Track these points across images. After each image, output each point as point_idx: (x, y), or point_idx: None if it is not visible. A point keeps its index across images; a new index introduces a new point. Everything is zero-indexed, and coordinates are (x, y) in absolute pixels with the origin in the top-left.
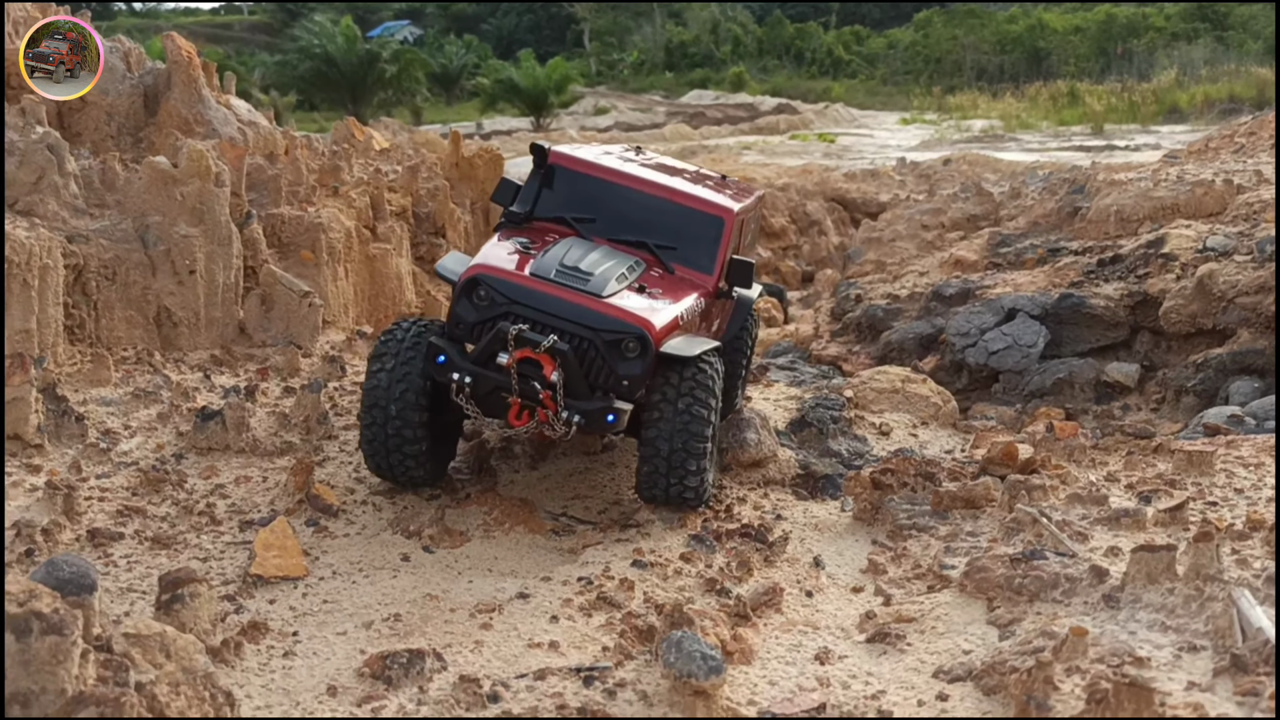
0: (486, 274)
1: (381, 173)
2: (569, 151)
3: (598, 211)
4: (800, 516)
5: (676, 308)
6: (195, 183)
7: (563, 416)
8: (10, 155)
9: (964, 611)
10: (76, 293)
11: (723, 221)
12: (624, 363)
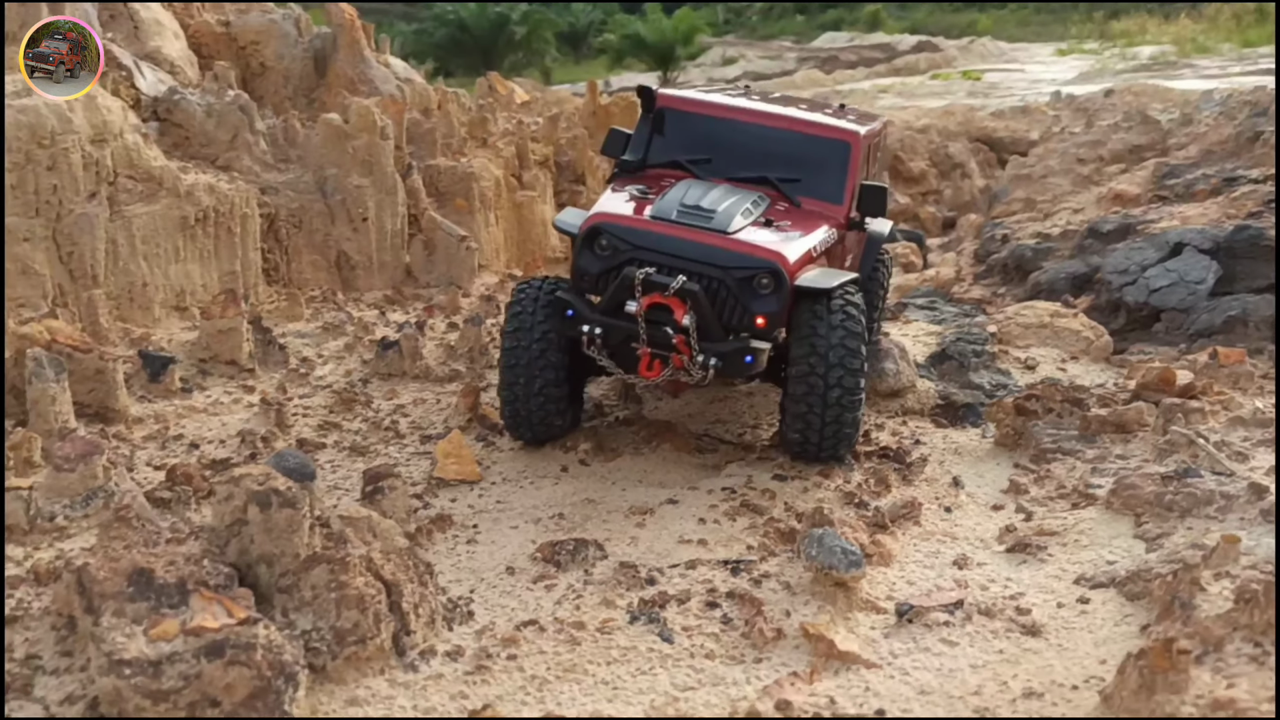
0: (606, 222)
1: (524, 124)
2: (677, 93)
3: (713, 151)
4: (939, 442)
5: (809, 240)
6: (364, 137)
7: (698, 361)
8: (210, 115)
9: (1109, 527)
10: (270, 239)
11: (849, 146)
12: (758, 300)
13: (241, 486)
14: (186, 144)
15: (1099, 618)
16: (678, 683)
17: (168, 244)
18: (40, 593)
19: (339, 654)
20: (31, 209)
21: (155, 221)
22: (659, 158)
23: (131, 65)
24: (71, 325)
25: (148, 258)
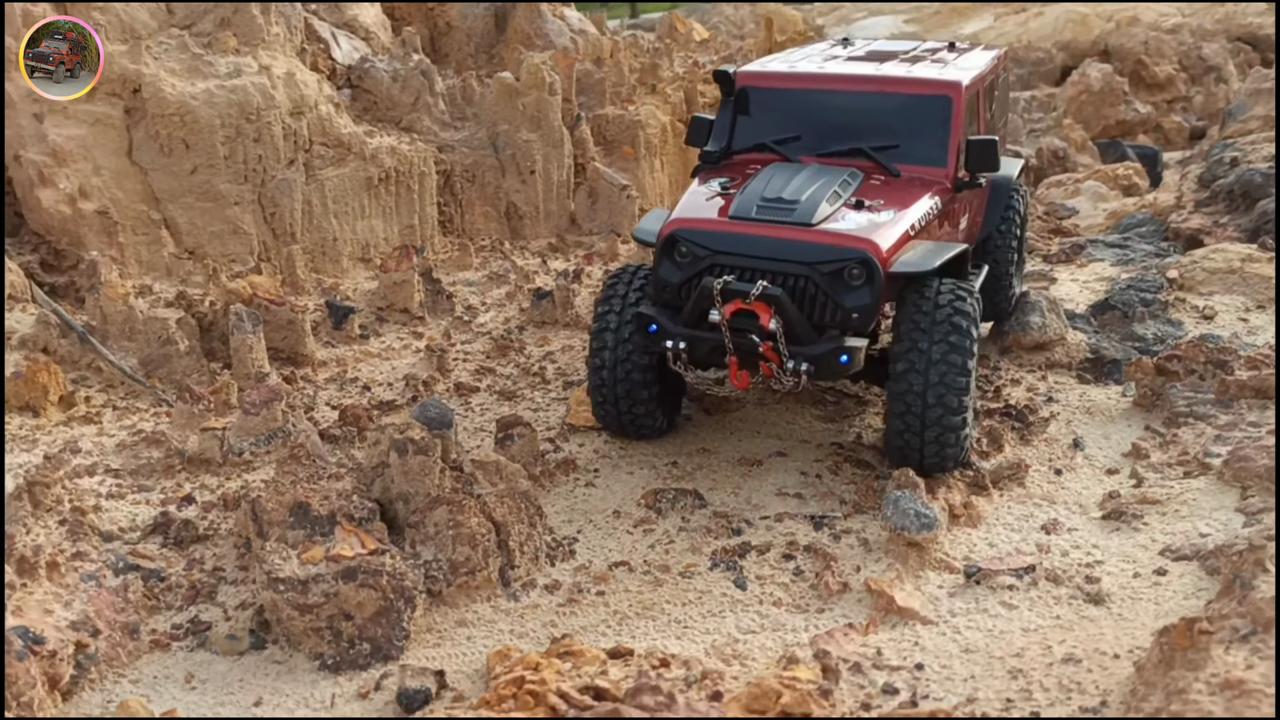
0: (683, 228)
1: (699, 65)
2: (757, 69)
3: (801, 127)
4: (1075, 400)
5: (906, 217)
6: (534, 93)
7: (789, 367)
8: (396, 80)
9: (1214, 498)
10: (446, 193)
11: (948, 101)
12: (850, 293)
13: (386, 434)
14: (375, 108)
15: (1170, 590)
16: (742, 626)
17: (355, 203)
18: (227, 516)
19: (453, 582)
20: (241, 176)
21: (344, 183)
22: (745, 142)
23: (329, 37)
24: (273, 278)
25: (337, 215)
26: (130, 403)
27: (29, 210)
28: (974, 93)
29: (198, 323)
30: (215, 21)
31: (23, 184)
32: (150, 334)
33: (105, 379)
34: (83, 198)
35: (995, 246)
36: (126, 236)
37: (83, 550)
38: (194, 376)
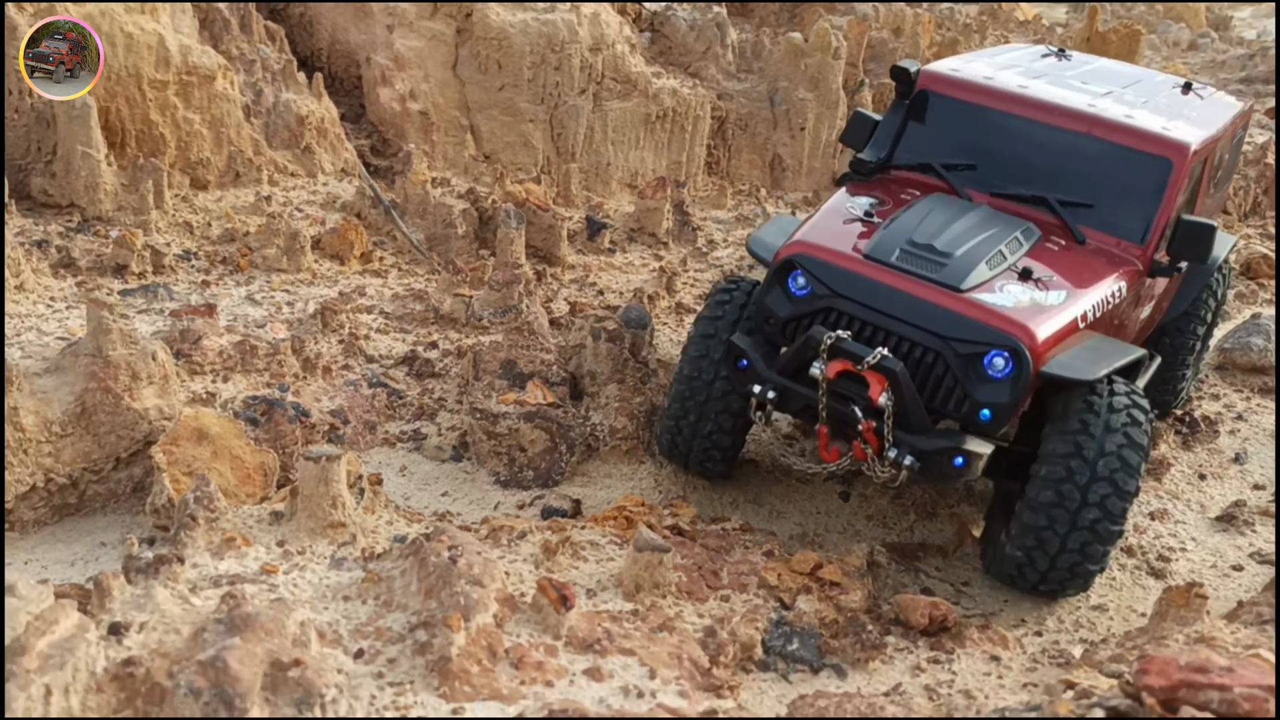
0: (805, 254)
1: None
2: (946, 71)
3: (980, 155)
4: (1265, 423)
5: (1079, 302)
6: (818, 56)
7: (889, 456)
8: (692, 29)
9: None
10: (717, 137)
11: (1167, 164)
12: (985, 386)
13: (587, 323)
14: (669, 51)
15: (1235, 582)
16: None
17: (632, 134)
18: (457, 362)
19: (609, 444)
20: (538, 98)
21: (625, 116)
22: (910, 156)
23: None
24: (548, 189)
25: (614, 143)
26: (410, 267)
27: (369, 103)
28: (1202, 158)
29: (478, 214)
30: None
31: (369, 81)
32: (438, 216)
33: (397, 245)
34: (411, 99)
35: (1177, 333)
36: (439, 135)
37: (350, 364)
38: (463, 256)
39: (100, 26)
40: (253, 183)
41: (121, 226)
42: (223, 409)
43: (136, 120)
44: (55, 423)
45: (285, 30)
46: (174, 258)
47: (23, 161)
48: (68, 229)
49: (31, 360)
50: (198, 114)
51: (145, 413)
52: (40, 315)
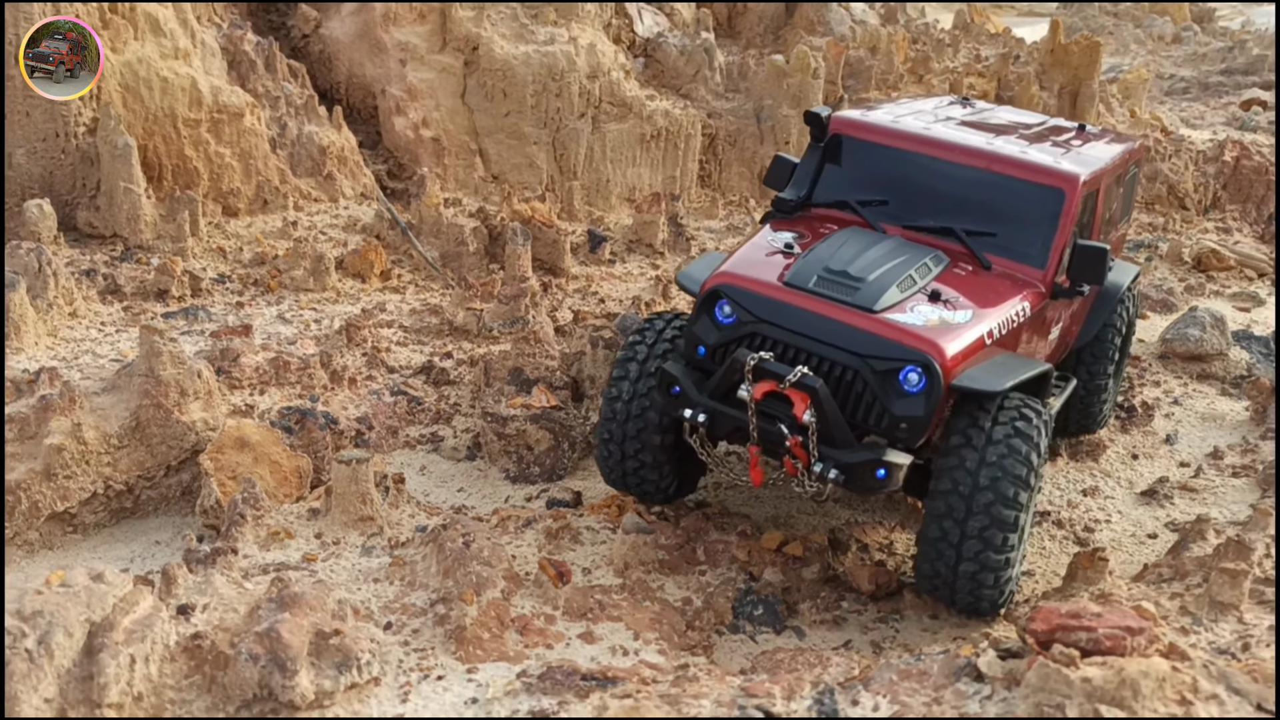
0: (730, 284)
1: (981, 58)
2: (857, 117)
3: (892, 192)
4: (1200, 407)
5: (984, 321)
6: (799, 76)
7: (815, 470)
8: (682, 54)
9: (1240, 494)
10: (708, 153)
11: (1060, 195)
12: (901, 400)
13: (587, 331)
14: (661, 75)
15: (1149, 549)
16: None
17: (629, 153)
18: (470, 370)
19: None
20: (541, 123)
21: (622, 136)
22: (827, 195)
23: (635, 14)
24: (552, 206)
25: (613, 162)
26: (426, 283)
27: (385, 132)
28: (1093, 189)
29: (488, 232)
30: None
31: (384, 111)
32: (451, 235)
33: (413, 263)
34: (424, 126)
35: (1090, 358)
36: (450, 159)
37: (373, 375)
38: (474, 272)
39: (139, 73)
40: (280, 209)
41: (161, 254)
42: (261, 419)
43: (172, 156)
44: (113, 436)
45: (306, 67)
46: (210, 281)
47: (69, 196)
48: (112, 258)
49: (90, 381)
50: (228, 148)
51: (192, 425)
52: (94, 340)
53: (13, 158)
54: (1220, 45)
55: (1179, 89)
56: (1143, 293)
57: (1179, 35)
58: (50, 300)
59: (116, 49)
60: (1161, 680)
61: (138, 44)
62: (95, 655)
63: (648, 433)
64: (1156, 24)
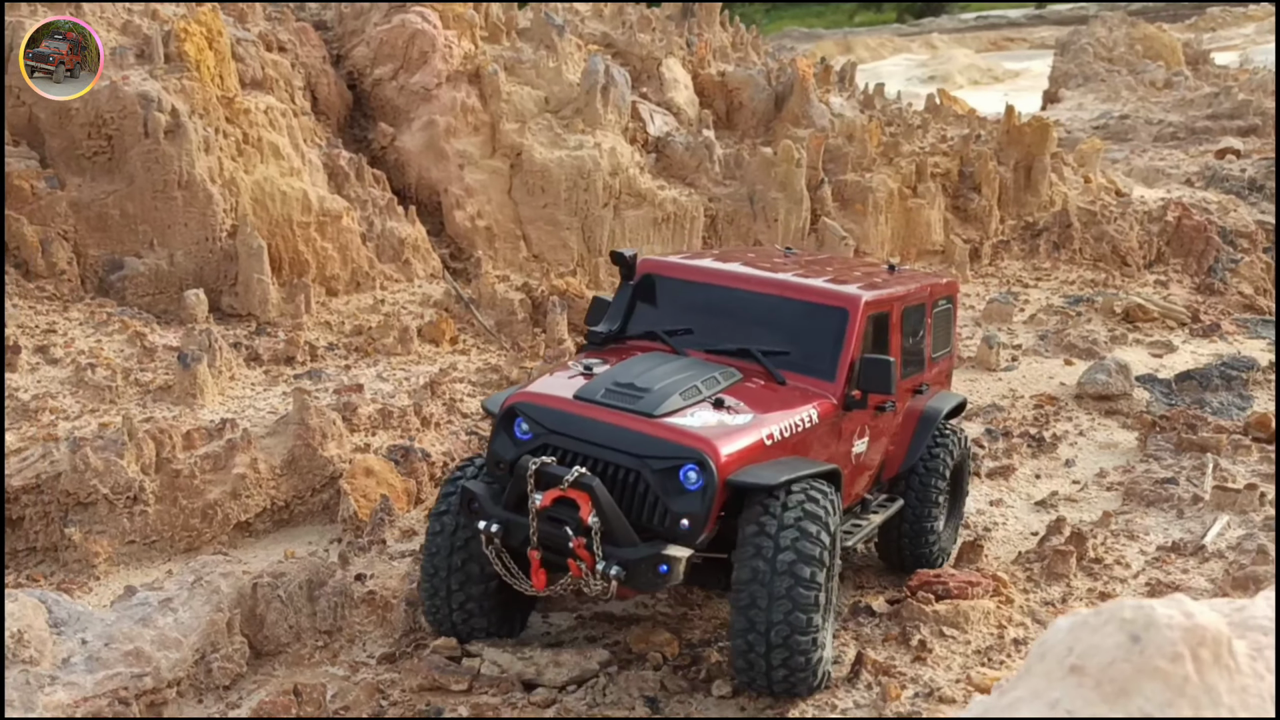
0: (525, 402)
1: (946, 138)
2: (661, 258)
3: (696, 321)
4: (1100, 438)
5: (764, 425)
6: (784, 165)
7: (599, 569)
8: (687, 149)
9: (1108, 504)
10: (710, 230)
11: (844, 314)
12: (680, 497)
13: None
14: (670, 168)
15: (1029, 543)
16: None
17: (644, 233)
18: None
19: None
20: (572, 212)
21: (639, 220)
22: (638, 328)
23: (647, 116)
24: (581, 280)
25: (631, 241)
26: (486, 346)
27: (448, 223)
28: (881, 311)
29: (532, 302)
30: (573, 110)
31: (446, 206)
32: (503, 307)
33: (475, 330)
34: (479, 217)
35: (915, 485)
36: (499, 244)
37: (451, 419)
38: (523, 336)
39: (265, 189)
40: (370, 289)
41: (285, 329)
42: (376, 454)
43: (289, 250)
44: (277, 467)
45: (385, 173)
46: (323, 349)
47: (215, 285)
48: (250, 333)
49: (257, 428)
50: (330, 243)
51: (330, 459)
52: (250, 397)
53: (174, 256)
54: (1208, 91)
55: (1166, 134)
56: (1069, 342)
57: (1170, 80)
58: (219, 368)
59: (249, 170)
60: (987, 613)
61: (263, 166)
62: (315, 600)
63: (470, 584)
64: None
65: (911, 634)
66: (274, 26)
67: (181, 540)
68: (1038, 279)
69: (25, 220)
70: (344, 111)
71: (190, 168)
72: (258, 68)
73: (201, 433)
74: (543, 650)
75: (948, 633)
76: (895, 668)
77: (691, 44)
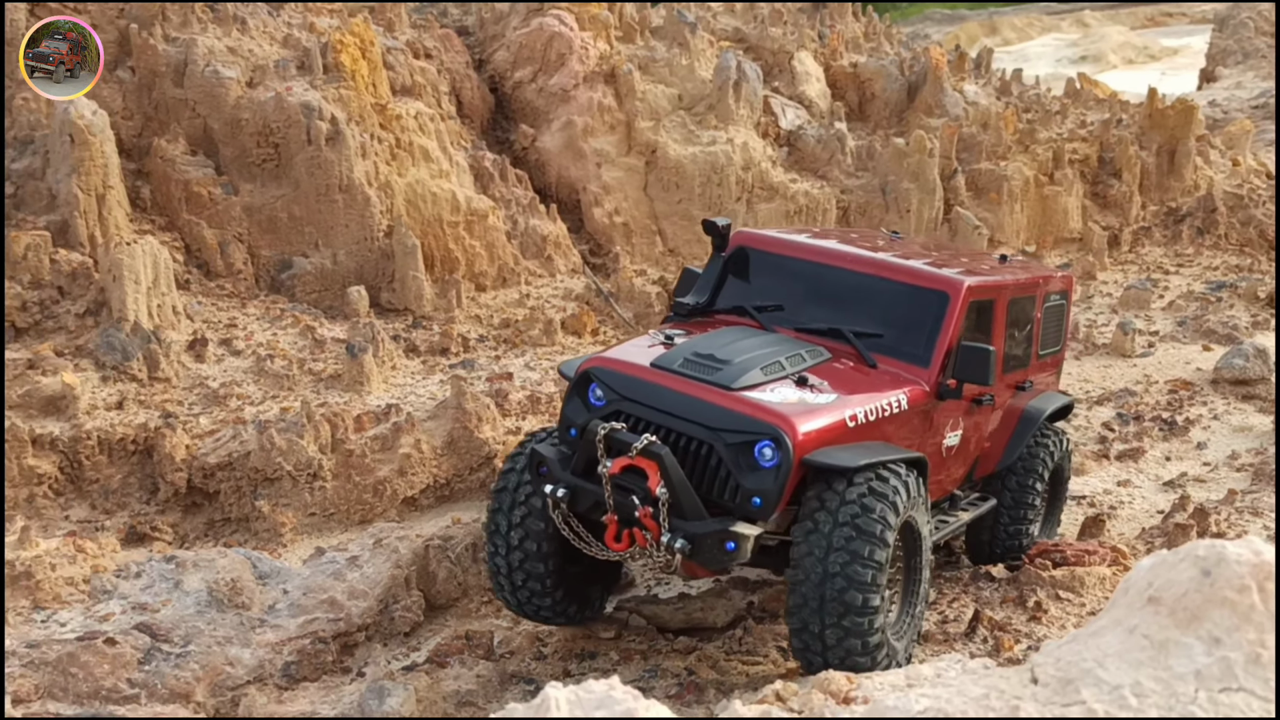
0: (600, 367)
1: (1086, 123)
2: (756, 231)
3: (788, 298)
4: (1235, 422)
5: (848, 406)
6: (917, 156)
7: (663, 540)
8: (818, 142)
9: (1237, 484)
10: (842, 222)
11: (944, 298)
12: (753, 474)
13: None
14: (802, 161)
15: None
16: None
17: (776, 226)
18: None
19: None
20: (706, 206)
21: (771, 213)
22: (727, 303)
23: (779, 110)
24: None
25: None
26: (625, 337)
27: (587, 220)
28: (985, 298)
29: (668, 295)
30: (705, 106)
31: (585, 204)
32: (640, 299)
33: (614, 322)
34: (616, 214)
35: (1011, 485)
36: (636, 240)
37: None
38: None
39: (417, 191)
40: (515, 285)
41: (438, 322)
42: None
43: (440, 249)
44: (438, 448)
45: (526, 173)
46: (474, 341)
47: (374, 282)
48: (407, 326)
49: (419, 413)
50: (478, 241)
51: (486, 441)
52: (410, 385)
53: (336, 256)
54: None
55: None
56: (1208, 327)
57: None
58: (382, 358)
59: (402, 173)
60: (1102, 579)
61: (415, 169)
62: (479, 561)
63: (530, 561)
64: None
65: (1028, 596)
66: (420, 35)
67: (355, 513)
68: (1179, 265)
69: (205, 224)
70: (487, 114)
71: (349, 172)
72: (407, 75)
73: (370, 416)
74: (684, 604)
75: (1063, 595)
76: (1011, 625)
77: (823, 36)
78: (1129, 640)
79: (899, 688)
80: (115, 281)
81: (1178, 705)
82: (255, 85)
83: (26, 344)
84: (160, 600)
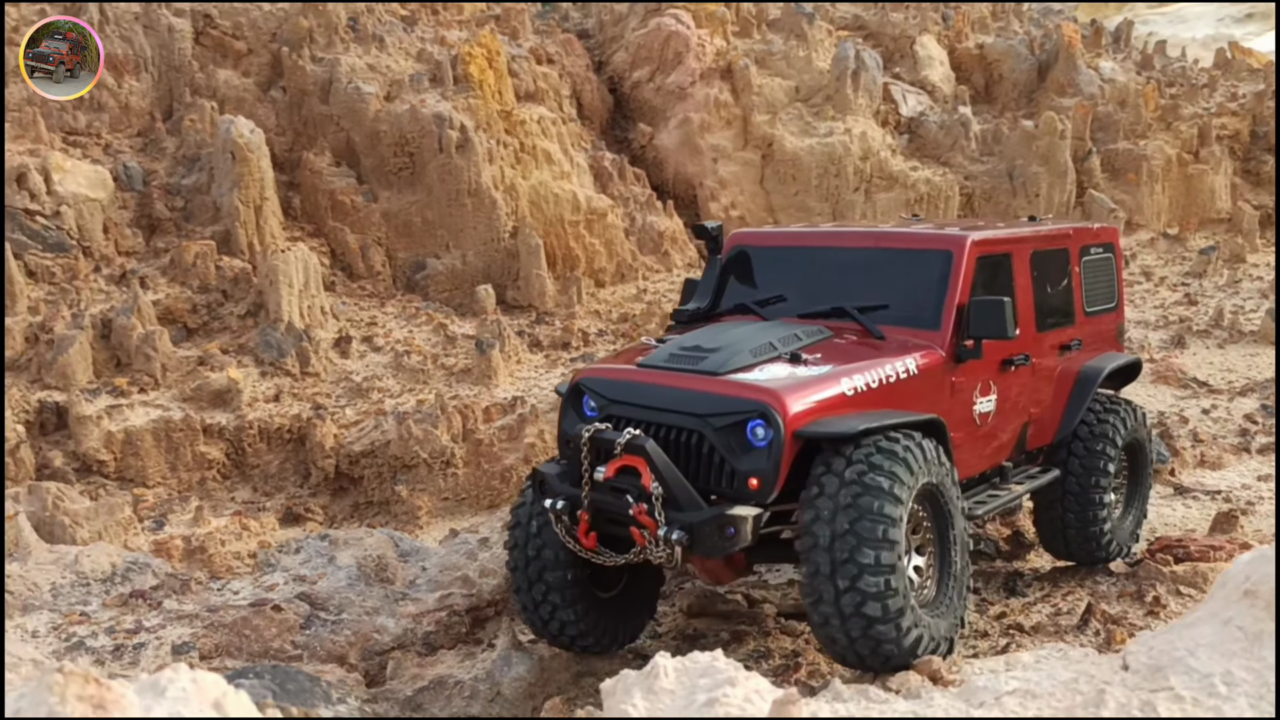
0: (589, 377)
1: (1237, 96)
2: (750, 229)
3: (789, 288)
4: None
5: (845, 374)
6: (1046, 138)
7: (660, 535)
8: (941, 128)
9: None
10: (966, 209)
11: (947, 256)
12: (746, 456)
13: None
14: (924, 148)
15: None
16: None
17: (896, 216)
18: None
19: None
20: (823, 198)
21: (890, 203)
22: (730, 303)
23: (900, 97)
24: None
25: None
26: None
27: (703, 214)
28: (996, 252)
29: None
30: (823, 97)
31: (702, 199)
32: None
33: None
34: (732, 208)
35: (1079, 452)
36: None
37: None
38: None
39: (540, 192)
40: (633, 280)
41: (560, 318)
42: None
43: (561, 247)
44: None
45: (644, 170)
46: (594, 335)
47: (500, 280)
48: (530, 322)
49: (542, 404)
50: (598, 238)
51: None
52: (534, 378)
53: (466, 256)
54: None
55: None
56: None
57: None
58: (508, 353)
59: (525, 176)
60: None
61: (538, 172)
62: None
63: (549, 573)
64: None
65: (1146, 591)
66: (543, 40)
67: (485, 498)
68: None
69: (348, 230)
70: (606, 115)
71: (477, 177)
72: (530, 81)
73: (497, 408)
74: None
75: (1184, 591)
76: (1126, 619)
77: (948, 18)
78: (1223, 631)
79: (996, 671)
80: (271, 285)
81: (1268, 694)
82: (392, 99)
83: (196, 343)
84: (317, 573)
